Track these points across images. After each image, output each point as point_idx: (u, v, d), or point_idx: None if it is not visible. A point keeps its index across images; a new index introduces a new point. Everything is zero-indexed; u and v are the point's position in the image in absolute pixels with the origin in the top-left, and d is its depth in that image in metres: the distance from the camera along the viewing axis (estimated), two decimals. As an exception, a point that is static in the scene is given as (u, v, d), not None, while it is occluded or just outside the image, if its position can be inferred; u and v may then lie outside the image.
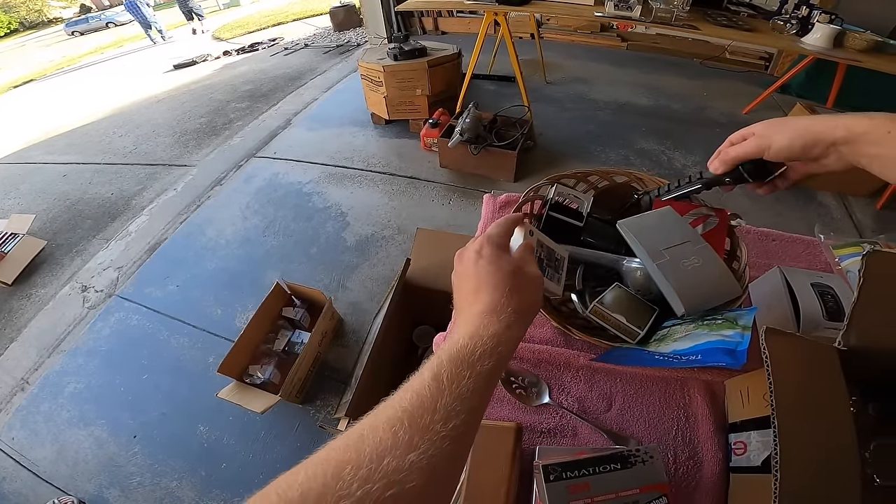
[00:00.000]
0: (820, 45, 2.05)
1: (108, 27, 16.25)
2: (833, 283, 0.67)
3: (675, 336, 0.57)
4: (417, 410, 0.27)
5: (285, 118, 3.43)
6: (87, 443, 1.53)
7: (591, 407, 0.64)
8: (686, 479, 0.56)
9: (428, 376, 0.30)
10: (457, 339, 0.34)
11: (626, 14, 2.23)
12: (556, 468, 0.47)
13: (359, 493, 0.23)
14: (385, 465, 0.24)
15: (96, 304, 2.04)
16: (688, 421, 0.61)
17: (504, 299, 0.37)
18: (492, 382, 0.33)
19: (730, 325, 0.53)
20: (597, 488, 0.45)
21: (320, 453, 0.26)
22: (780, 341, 0.44)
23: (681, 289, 0.56)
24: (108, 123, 4.16)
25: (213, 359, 1.68)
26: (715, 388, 0.63)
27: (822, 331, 0.61)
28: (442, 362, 0.31)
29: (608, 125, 2.92)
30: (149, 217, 2.57)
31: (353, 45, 5.20)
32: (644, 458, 0.48)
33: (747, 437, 0.54)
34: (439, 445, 0.26)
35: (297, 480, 0.23)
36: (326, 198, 2.46)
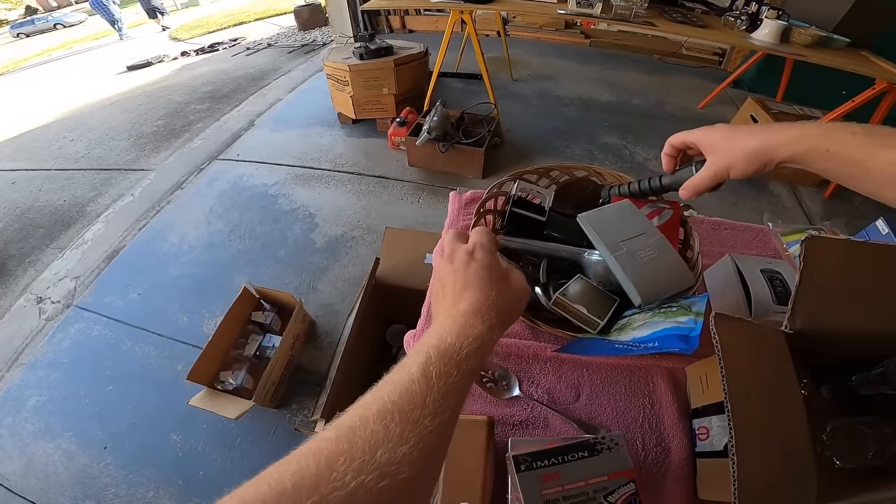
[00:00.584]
0: (768, 40, 2.14)
1: (56, 28, 15.49)
2: (781, 268, 0.71)
3: (634, 324, 0.58)
4: (408, 405, 0.28)
5: (248, 119, 3.34)
6: (56, 455, 1.48)
7: (560, 397, 0.65)
8: (655, 465, 0.58)
9: (416, 372, 0.30)
10: (443, 336, 0.34)
11: (588, 11, 2.28)
12: (526, 458, 0.48)
13: (353, 485, 0.23)
14: (378, 457, 0.24)
15: (54, 315, 1.95)
16: (653, 408, 0.63)
17: (489, 302, 0.38)
18: (472, 380, 0.34)
19: (684, 311, 0.55)
20: (567, 476, 0.47)
21: (311, 444, 0.26)
22: (729, 327, 0.46)
23: (637, 280, 0.58)
24: (58, 127, 3.95)
25: (181, 367, 1.65)
26: (677, 375, 0.66)
27: (773, 315, 0.64)
28: (430, 359, 0.32)
29: (573, 121, 2.98)
30: (105, 224, 2.46)
31: (318, 45, 5.11)
32: (610, 446, 0.49)
33: (709, 423, 0.56)
34: (428, 439, 0.27)
35: (288, 471, 0.23)
36: (293, 199, 2.42)
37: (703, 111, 3.10)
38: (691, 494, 0.55)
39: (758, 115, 2.42)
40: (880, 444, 0.49)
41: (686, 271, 0.60)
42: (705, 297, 0.56)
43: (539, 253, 0.71)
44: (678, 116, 3.03)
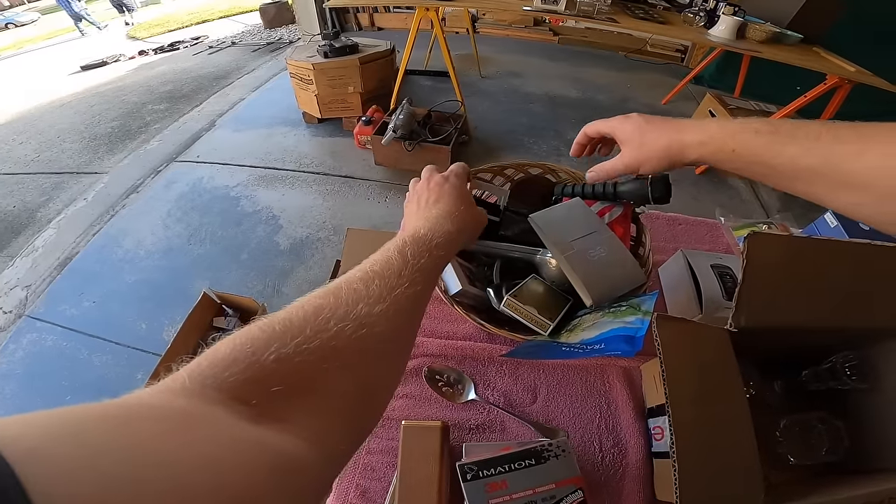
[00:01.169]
0: (724, 36, 2.18)
1: (7, 28, 14.76)
2: (732, 263, 0.71)
3: (583, 325, 0.57)
4: (386, 272, 0.32)
5: (209, 119, 3.23)
6: None
7: (516, 400, 0.64)
8: (613, 466, 0.57)
9: (394, 251, 0.35)
10: (417, 229, 0.40)
11: (552, 8, 2.28)
12: (472, 467, 0.46)
13: (334, 329, 0.26)
14: (358, 309, 0.28)
15: (5, 325, 1.86)
16: (609, 408, 0.62)
17: (458, 212, 0.45)
18: (440, 270, 0.41)
19: (632, 311, 0.54)
20: (514, 485, 0.46)
21: (301, 299, 0.29)
22: (671, 328, 0.45)
23: (588, 280, 0.57)
24: (5, 130, 3.73)
25: (141, 375, 1.61)
26: (632, 374, 0.65)
27: (723, 311, 0.64)
28: (406, 243, 0.36)
29: (540, 117, 2.99)
30: (56, 230, 2.34)
31: (284, 43, 4.98)
32: (557, 453, 0.48)
33: (663, 422, 0.56)
34: (402, 303, 0.31)
35: (278, 317, 0.26)
36: (256, 201, 2.35)
37: (666, 107, 3.17)
38: (650, 495, 0.55)
39: (716, 110, 2.48)
40: (833, 440, 0.50)
41: (637, 269, 0.59)
42: (654, 295, 0.55)
43: (493, 254, 0.69)
44: (642, 112, 3.08)
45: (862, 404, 0.52)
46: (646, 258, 0.66)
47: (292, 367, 0.23)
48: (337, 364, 0.25)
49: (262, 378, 0.22)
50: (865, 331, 0.49)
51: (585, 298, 0.57)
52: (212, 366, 0.22)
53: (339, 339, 0.26)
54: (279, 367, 0.23)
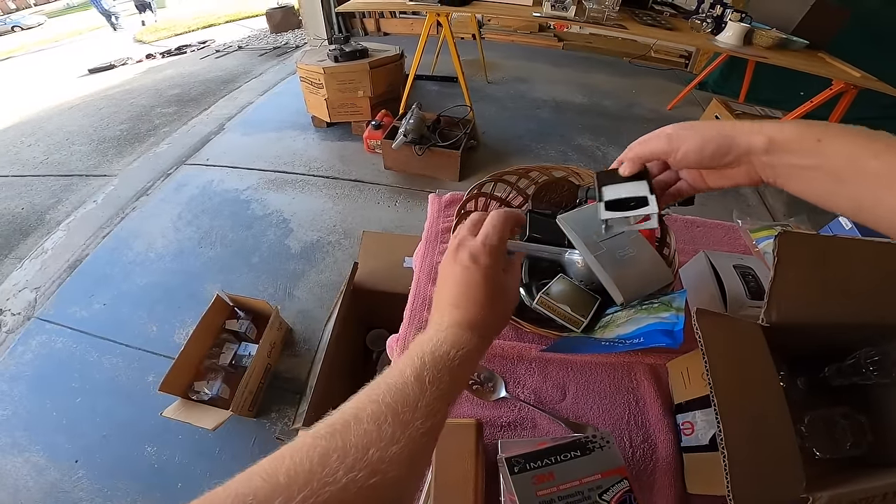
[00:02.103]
0: (731, 42, 2.21)
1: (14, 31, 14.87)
2: (752, 264, 0.72)
3: (617, 322, 0.58)
4: (401, 407, 0.29)
5: (218, 123, 3.25)
6: (25, 469, 1.43)
7: (546, 397, 0.65)
8: (643, 461, 0.58)
9: (410, 376, 0.32)
10: (438, 344, 0.35)
11: (562, 14, 2.31)
12: (519, 460, 0.47)
13: (344, 480, 0.24)
14: (370, 455, 0.25)
15: (14, 327, 1.86)
16: (638, 405, 0.63)
17: (486, 316, 0.39)
18: (462, 388, 0.38)
19: (665, 307, 0.55)
20: (561, 476, 0.46)
21: (305, 439, 0.27)
22: (710, 321, 0.46)
23: (618, 279, 0.58)
24: (15, 132, 3.75)
25: (152, 377, 1.60)
26: (659, 371, 0.66)
27: (747, 309, 0.66)
28: (425, 364, 0.33)
29: (547, 123, 3.02)
30: (66, 232, 2.35)
31: (291, 47, 5.02)
32: (601, 444, 0.49)
33: (693, 417, 0.56)
34: (418, 441, 0.28)
35: (282, 465, 0.24)
36: (266, 204, 2.36)
37: (671, 112, 3.19)
38: (680, 489, 0.55)
39: (722, 115, 2.50)
40: (857, 435, 0.51)
41: (664, 268, 0.60)
42: (684, 292, 0.57)
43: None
44: (648, 118, 3.11)
45: (884, 399, 0.52)
46: (671, 258, 0.67)
47: None
48: None
49: None
50: (888, 327, 0.50)
51: (616, 297, 0.58)
52: None
53: (349, 492, 0.24)
54: None
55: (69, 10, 19.73)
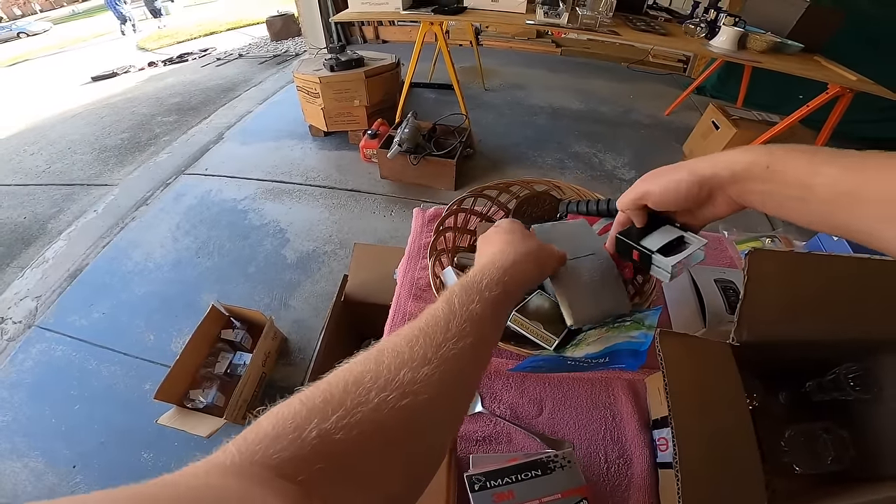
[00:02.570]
0: (725, 47, 2.20)
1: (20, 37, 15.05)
2: (735, 277, 0.72)
3: (588, 340, 0.58)
4: (432, 329, 0.30)
5: (217, 132, 3.27)
6: (24, 474, 1.45)
7: (522, 413, 0.65)
8: (618, 477, 0.58)
9: (441, 301, 0.33)
10: (468, 274, 0.39)
11: (555, 21, 2.32)
12: (479, 478, 0.48)
13: (375, 401, 0.24)
14: (402, 376, 0.26)
15: (15, 335, 1.89)
16: (615, 420, 0.63)
17: (512, 244, 0.45)
18: (499, 311, 0.37)
19: (637, 326, 0.55)
20: (521, 495, 0.47)
21: (345, 366, 0.28)
22: (673, 342, 0.46)
23: (571, 300, 0.56)
24: (17, 140, 3.80)
25: (149, 385, 1.61)
26: (637, 387, 0.66)
27: (726, 324, 0.65)
28: (453, 290, 0.35)
29: (544, 130, 3.01)
30: (67, 242, 2.38)
31: (291, 55, 5.07)
32: (562, 464, 0.49)
33: (668, 434, 0.56)
34: (451, 364, 0.29)
35: (319, 388, 0.25)
36: (263, 214, 2.38)
37: (669, 118, 3.18)
38: (655, 505, 0.55)
39: (718, 120, 2.50)
40: (839, 449, 0.51)
41: (624, 300, 0.59)
42: (658, 310, 0.56)
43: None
44: (645, 123, 3.10)
45: (865, 414, 0.53)
46: (648, 277, 0.67)
47: (333, 444, 0.23)
48: (380, 441, 0.24)
49: (305, 455, 0.22)
50: (866, 343, 0.50)
51: (567, 318, 0.57)
52: (257, 441, 0.22)
53: (380, 412, 0.24)
54: (321, 445, 0.22)
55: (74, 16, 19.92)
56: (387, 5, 2.44)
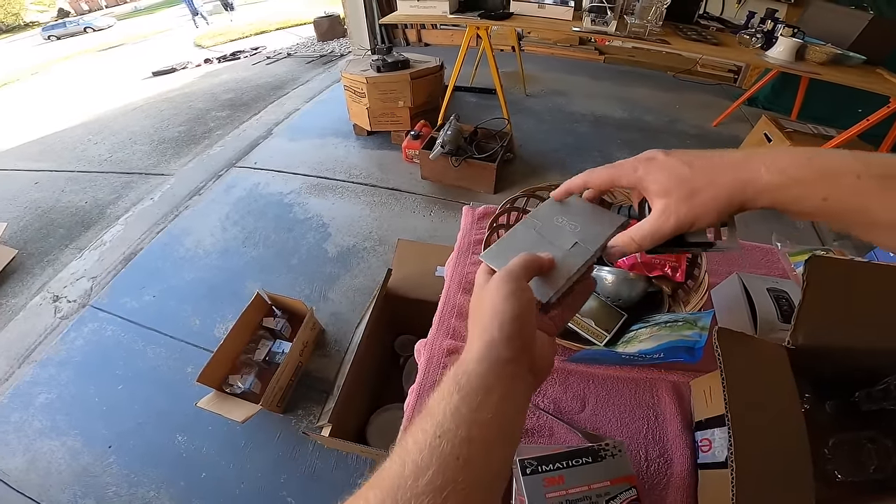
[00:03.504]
0: (782, 58, 2.13)
1: (86, 32, 16.03)
2: (788, 287, 0.71)
3: (640, 338, 0.60)
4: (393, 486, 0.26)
5: (266, 128, 3.41)
6: (61, 453, 1.50)
7: (565, 408, 0.66)
8: (657, 475, 0.58)
9: (409, 439, 0.29)
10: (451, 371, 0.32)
11: (602, 29, 2.30)
12: (531, 462, 0.49)
13: None
14: None
15: (69, 314, 1.99)
16: (657, 420, 0.64)
17: (494, 333, 0.33)
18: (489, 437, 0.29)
19: (689, 326, 0.56)
20: (570, 481, 0.48)
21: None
22: (731, 340, 0.47)
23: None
24: (83, 130, 4.08)
25: (191, 369, 1.67)
26: (681, 389, 0.66)
27: (778, 332, 0.65)
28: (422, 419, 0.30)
29: (585, 137, 2.99)
30: (124, 226, 2.52)
31: (336, 56, 5.22)
32: (613, 453, 0.50)
33: (711, 435, 0.57)
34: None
35: None
36: (308, 209, 2.46)
37: (716, 129, 3.10)
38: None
39: (771, 133, 2.42)
40: (882, 459, 0.50)
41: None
42: (711, 312, 0.57)
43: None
44: (691, 134, 3.03)
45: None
46: (701, 279, 0.67)
47: None
48: None
49: None
50: None
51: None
52: None
53: None
54: None
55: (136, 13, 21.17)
56: (434, 9, 2.48)
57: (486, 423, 0.28)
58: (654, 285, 0.72)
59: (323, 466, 1.40)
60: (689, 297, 0.69)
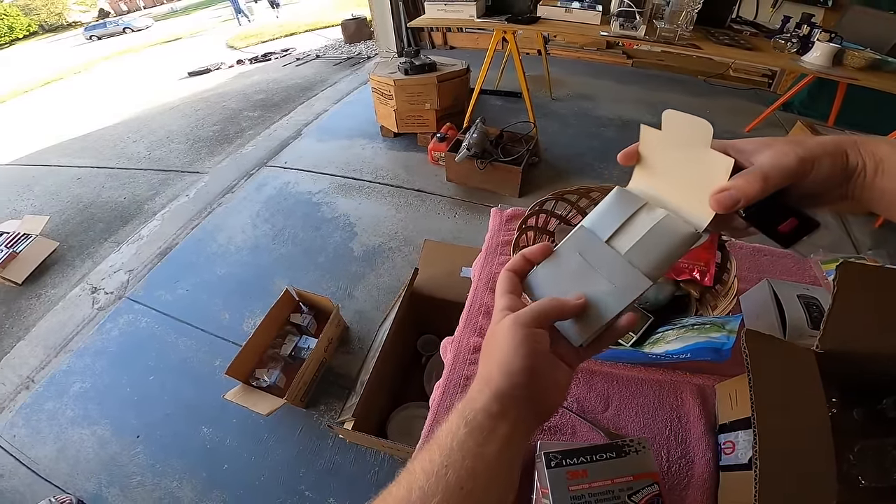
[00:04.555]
0: (819, 63, 2.08)
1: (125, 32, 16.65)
2: (819, 295, 0.70)
3: (667, 339, 0.61)
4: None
5: (296, 128, 3.50)
6: (90, 442, 1.55)
7: (589, 407, 0.67)
8: (678, 476, 0.59)
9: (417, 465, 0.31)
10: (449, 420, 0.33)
11: (631, 33, 2.28)
12: (556, 455, 0.50)
13: None
14: None
15: (106, 305, 2.08)
16: (680, 422, 0.64)
17: (506, 366, 0.33)
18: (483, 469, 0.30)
19: (717, 328, 0.57)
20: (594, 475, 0.49)
21: None
22: (759, 342, 0.47)
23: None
24: (123, 128, 4.26)
25: (219, 362, 1.72)
26: (706, 392, 0.67)
27: (807, 339, 0.64)
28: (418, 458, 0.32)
29: (611, 142, 2.95)
30: (161, 222, 2.63)
31: (363, 58, 5.29)
32: (637, 449, 0.51)
33: (735, 437, 0.57)
34: None
35: None
36: (335, 208, 2.51)
37: (749, 133, 3.02)
38: (711, 506, 0.56)
39: (806, 140, 2.35)
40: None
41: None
42: (739, 316, 0.58)
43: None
44: (721, 139, 2.94)
45: None
46: (730, 285, 0.67)
47: None
48: None
49: None
50: None
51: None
52: None
53: None
54: None
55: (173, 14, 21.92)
56: (462, 13, 2.50)
57: (490, 458, 0.30)
58: (682, 289, 0.73)
59: (342, 462, 1.43)
60: (717, 301, 0.69)
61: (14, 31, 22.34)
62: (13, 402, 1.72)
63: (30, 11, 23.40)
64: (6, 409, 1.71)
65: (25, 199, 3.20)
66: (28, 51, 17.15)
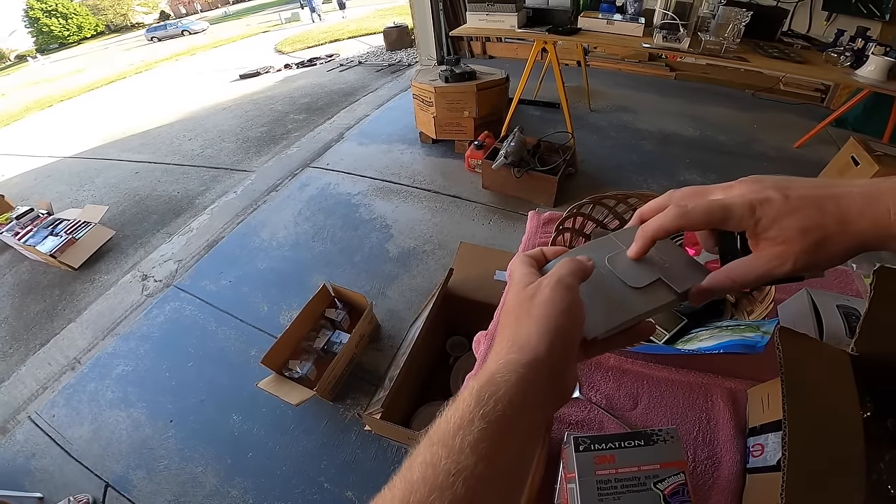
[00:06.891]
0: (874, 77, 2.00)
1: (183, 35, 17.58)
2: (859, 306, 0.69)
3: (700, 337, 0.62)
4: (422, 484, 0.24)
5: (339, 132, 3.62)
6: (125, 424, 1.63)
7: (617, 404, 0.68)
8: (704, 476, 0.59)
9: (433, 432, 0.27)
10: (471, 385, 0.28)
11: (674, 46, 2.24)
12: (584, 440, 0.51)
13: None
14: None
15: (154, 292, 2.21)
16: (709, 424, 0.64)
17: (544, 328, 0.30)
18: (514, 433, 0.26)
19: (752, 329, 0.57)
20: (621, 461, 0.49)
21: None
22: (793, 341, 0.47)
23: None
24: (179, 127, 4.53)
25: (254, 352, 1.79)
26: (737, 396, 0.66)
27: (844, 347, 0.64)
28: (441, 421, 0.27)
29: (651, 155, 2.91)
30: (210, 216, 2.78)
31: (403, 65, 5.42)
32: (665, 438, 0.51)
33: (765, 440, 0.57)
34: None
35: None
36: (373, 210, 2.59)
37: (798, 150, 2.91)
38: (736, 508, 0.56)
39: (859, 156, 2.25)
40: None
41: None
42: (776, 320, 0.58)
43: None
44: (769, 156, 2.86)
45: None
46: (767, 291, 0.67)
47: None
48: None
49: None
50: None
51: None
52: None
53: None
54: None
55: (226, 17, 22.99)
56: (503, 23, 2.53)
57: (509, 461, 0.26)
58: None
59: (363, 457, 1.46)
60: (753, 306, 0.69)
61: (83, 31, 23.94)
62: (57, 383, 1.83)
63: (98, 11, 25.00)
64: (49, 388, 1.81)
65: (87, 190, 3.46)
66: (95, 49, 18.37)
